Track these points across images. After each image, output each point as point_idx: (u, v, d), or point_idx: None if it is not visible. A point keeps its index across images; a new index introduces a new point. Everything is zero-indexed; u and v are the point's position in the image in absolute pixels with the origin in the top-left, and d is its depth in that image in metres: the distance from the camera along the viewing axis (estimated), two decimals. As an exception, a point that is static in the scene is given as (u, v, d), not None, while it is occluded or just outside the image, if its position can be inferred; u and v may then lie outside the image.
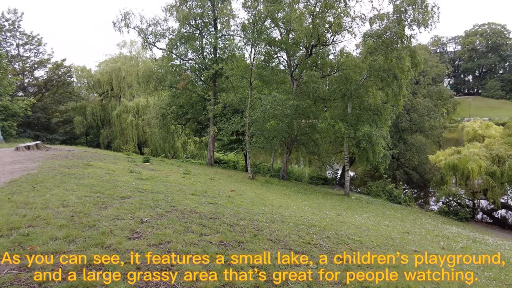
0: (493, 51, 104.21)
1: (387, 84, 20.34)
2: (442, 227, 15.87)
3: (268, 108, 19.95)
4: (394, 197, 24.19)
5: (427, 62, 41.19)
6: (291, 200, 15.32)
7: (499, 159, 21.04)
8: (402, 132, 30.04)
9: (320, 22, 21.72)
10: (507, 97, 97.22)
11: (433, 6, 18.77)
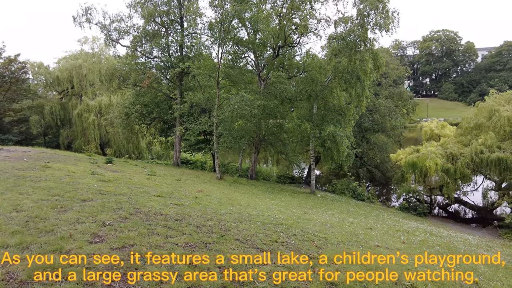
0: (447, 56, 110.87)
1: (351, 86, 21.01)
2: (402, 222, 16.65)
3: (236, 108, 19.95)
4: (358, 195, 25.06)
5: (389, 64, 42.91)
6: (259, 199, 15.42)
7: (453, 157, 22.44)
8: (365, 132, 31.16)
9: (286, 24, 22.06)
10: (459, 99, 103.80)
11: (394, 11, 19.64)
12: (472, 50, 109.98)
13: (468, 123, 24.90)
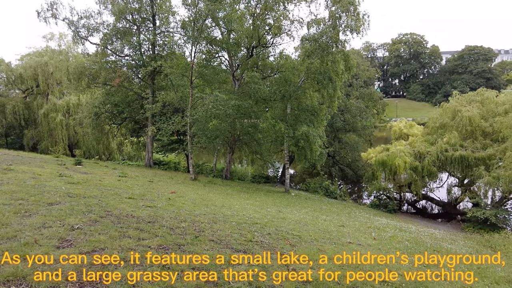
0: (415, 59, 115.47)
1: (323, 86, 21.43)
2: (373, 219, 17.18)
3: (210, 107, 19.82)
4: (331, 193, 25.59)
5: (360, 66, 44.13)
6: (234, 200, 15.41)
7: (420, 155, 23.40)
8: (337, 132, 31.86)
9: (260, 24, 22.17)
10: (426, 100, 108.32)
11: (364, 14, 20.20)
12: (437, 53, 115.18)
13: (434, 123, 26.11)
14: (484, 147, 21.87)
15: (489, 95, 25.10)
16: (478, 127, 22.87)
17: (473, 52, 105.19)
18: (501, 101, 23.93)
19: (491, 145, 21.68)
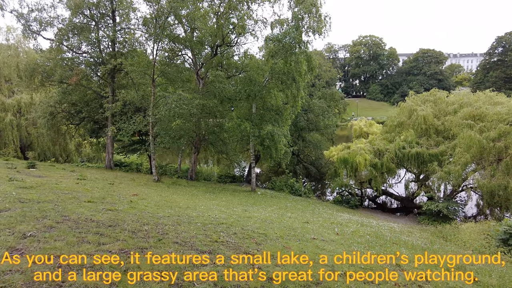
0: (374, 60, 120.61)
1: (287, 86, 21.73)
2: (336, 215, 17.68)
3: (173, 106, 19.41)
4: (296, 190, 26.03)
5: (322, 66, 45.38)
6: (199, 200, 15.22)
7: (380, 153, 24.44)
8: (301, 131, 32.45)
9: (224, 23, 22.02)
10: (385, 100, 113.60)
11: (326, 16, 20.69)
12: (394, 55, 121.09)
13: (392, 122, 27.46)
14: (437, 144, 23.29)
15: (441, 95, 26.84)
16: (432, 125, 24.34)
17: (426, 55, 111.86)
18: (451, 101, 25.66)
19: (443, 142, 23.14)
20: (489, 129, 19.67)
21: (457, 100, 25.41)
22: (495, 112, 20.61)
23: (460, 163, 19.79)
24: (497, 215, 19.55)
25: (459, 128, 21.18)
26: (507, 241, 11.26)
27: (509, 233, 11.35)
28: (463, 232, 14.73)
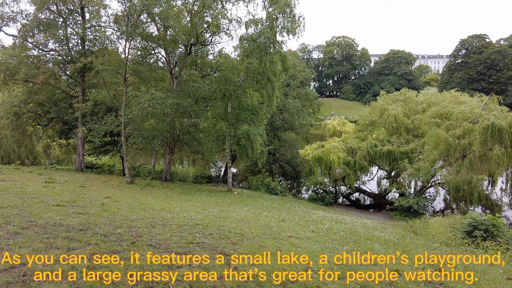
0: (347, 60, 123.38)
1: (262, 86, 21.78)
2: (312, 213, 17.91)
3: (146, 106, 18.99)
4: (272, 189, 26.16)
5: (296, 67, 45.86)
6: (174, 202, 14.97)
7: (353, 151, 24.99)
8: (276, 130, 32.66)
9: (198, 22, 21.78)
10: (357, 99, 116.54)
11: (300, 16, 20.89)
12: (366, 56, 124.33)
13: (364, 120, 28.20)
14: (407, 142, 24.13)
15: (411, 95, 27.85)
16: (402, 124, 25.19)
17: (397, 56, 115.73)
18: (420, 100, 26.69)
19: (413, 140, 24.01)
20: (454, 127, 20.59)
21: (425, 99, 26.46)
22: (460, 111, 21.61)
23: (429, 160, 20.59)
24: (462, 208, 20.50)
25: (428, 127, 22.03)
26: (471, 233, 11.84)
27: (472, 225, 11.94)
28: (432, 226, 15.32)
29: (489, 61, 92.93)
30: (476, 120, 19.91)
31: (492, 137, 18.23)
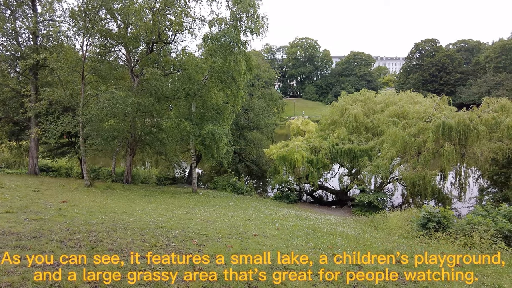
0: (309, 61, 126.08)
1: (227, 86, 21.71)
2: (277, 211, 18.13)
3: (105, 106, 18.23)
4: (238, 189, 26.19)
5: (261, 67, 46.13)
6: (136, 205, 14.53)
7: (316, 149, 25.63)
8: (242, 130, 32.71)
9: (160, 19, 21.25)
10: (319, 99, 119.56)
11: (264, 17, 21.06)
12: (328, 57, 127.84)
13: (326, 120, 29.06)
14: (367, 140, 25.17)
15: (370, 95, 29.10)
16: (362, 123, 26.24)
17: (357, 57, 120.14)
18: (378, 100, 27.94)
19: (372, 138, 25.08)
20: (410, 126, 21.77)
21: (383, 99, 27.74)
22: (415, 111, 22.89)
23: (387, 157, 21.61)
24: (418, 202, 21.72)
25: (386, 125, 23.10)
26: (425, 225, 12.60)
27: (426, 218, 12.70)
28: (391, 220, 16.09)
29: (440, 64, 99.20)
30: (430, 119, 21.18)
31: (443, 135, 19.48)
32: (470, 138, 19.19)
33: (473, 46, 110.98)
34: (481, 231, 11.04)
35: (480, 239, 10.69)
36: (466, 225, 11.90)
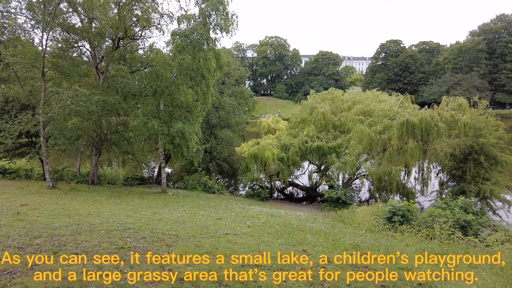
0: (279, 60, 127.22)
1: (196, 83, 21.40)
2: (248, 208, 18.17)
3: (68, 103, 17.42)
4: (209, 188, 25.98)
5: (231, 65, 45.83)
6: (103, 206, 14.04)
7: (286, 147, 25.96)
8: (212, 128, 32.45)
9: (127, 15, 20.59)
10: (290, 98, 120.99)
11: (233, 14, 20.92)
12: (297, 57, 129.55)
13: (296, 118, 29.54)
14: (335, 137, 25.82)
15: (337, 94, 29.87)
16: (330, 121, 26.88)
17: (325, 57, 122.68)
18: (346, 99, 28.74)
19: (340, 136, 25.76)
20: (376, 124, 22.55)
21: (350, 98, 28.56)
22: (380, 109, 23.74)
23: (354, 154, 22.28)
24: (384, 197, 22.56)
25: (353, 123, 23.79)
26: (391, 219, 13.13)
27: (392, 212, 13.24)
28: (358, 215, 16.61)
29: (404, 64, 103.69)
30: (394, 117, 22.04)
31: (407, 132, 20.35)
32: (432, 135, 20.15)
33: (434, 48, 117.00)
34: (441, 222, 11.67)
35: (440, 230, 11.30)
36: (428, 218, 12.53)
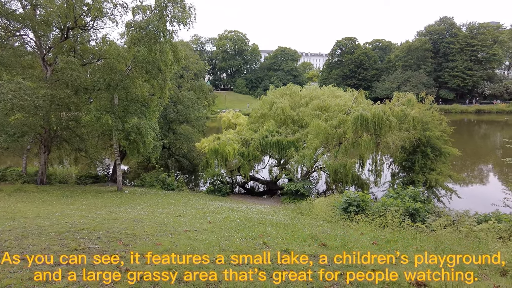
0: (239, 55, 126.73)
1: (153, 77, 20.66)
2: (209, 204, 18.01)
3: (9, 97, 16.10)
4: (168, 185, 25.38)
5: (189, 58, 45.02)
6: (53, 207, 13.21)
7: (246, 142, 26.05)
8: (170, 123, 31.66)
9: (76, 3, 19.32)
10: (250, 93, 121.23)
11: (191, 7, 20.38)
12: (257, 52, 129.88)
13: (256, 113, 29.71)
14: (294, 132, 26.35)
15: (296, 89, 30.46)
16: (289, 116, 27.37)
17: (284, 52, 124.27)
18: (303, 94, 29.41)
19: (298, 130, 26.33)
20: (332, 118, 23.32)
21: (308, 93, 29.27)
22: (336, 104, 24.59)
23: (312, 147, 22.91)
24: (340, 189, 23.46)
25: (310, 118, 24.41)
26: (347, 209, 13.71)
27: (348, 203, 13.83)
28: (316, 206, 17.13)
29: (358, 61, 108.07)
30: (349, 112, 22.93)
31: (361, 126, 21.26)
32: (384, 128, 21.23)
33: (386, 46, 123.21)
34: (393, 211, 12.38)
35: (392, 219, 11.99)
36: (381, 207, 13.24)
